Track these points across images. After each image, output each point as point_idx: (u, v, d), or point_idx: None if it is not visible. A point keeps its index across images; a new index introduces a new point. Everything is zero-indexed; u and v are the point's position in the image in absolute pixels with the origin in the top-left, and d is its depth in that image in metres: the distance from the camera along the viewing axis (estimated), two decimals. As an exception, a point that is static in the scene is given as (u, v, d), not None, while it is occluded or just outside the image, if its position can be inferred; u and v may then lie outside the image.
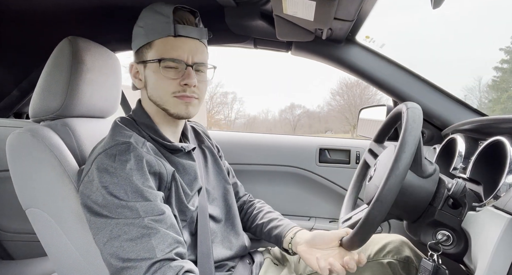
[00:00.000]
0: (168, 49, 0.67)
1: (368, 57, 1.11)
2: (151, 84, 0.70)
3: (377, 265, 0.84)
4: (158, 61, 0.67)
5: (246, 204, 0.97)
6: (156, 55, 0.67)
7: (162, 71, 0.67)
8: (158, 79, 0.68)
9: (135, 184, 0.60)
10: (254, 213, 0.93)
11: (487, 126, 0.81)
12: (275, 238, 0.83)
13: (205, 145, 0.88)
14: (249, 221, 0.93)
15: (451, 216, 0.66)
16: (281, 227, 0.82)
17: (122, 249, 0.57)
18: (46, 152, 0.69)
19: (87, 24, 1.04)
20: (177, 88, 0.68)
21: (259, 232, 0.88)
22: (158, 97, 0.69)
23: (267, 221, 0.87)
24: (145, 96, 0.73)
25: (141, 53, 0.70)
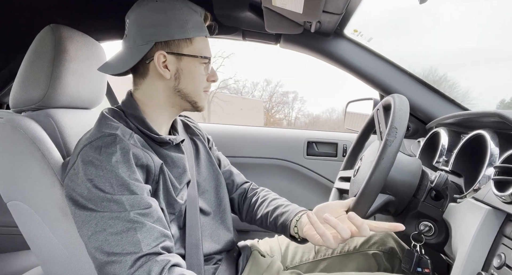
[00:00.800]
0: (206, 48, 0.73)
1: (356, 51, 1.12)
2: (186, 77, 0.71)
3: (363, 256, 0.86)
4: (201, 58, 0.71)
5: (249, 192, 0.92)
6: (197, 52, 0.71)
7: (201, 67, 0.72)
8: (197, 74, 0.71)
9: (121, 177, 0.59)
10: (258, 203, 0.86)
11: (469, 120, 0.83)
12: (281, 227, 0.77)
13: (196, 137, 0.87)
14: (254, 213, 0.86)
15: (434, 208, 0.68)
16: (287, 214, 0.77)
17: (107, 243, 0.56)
18: (28, 144, 0.67)
19: (71, 12, 1.01)
20: (206, 83, 0.74)
21: (265, 223, 0.82)
22: (192, 90, 0.72)
23: (272, 209, 0.81)
24: (167, 87, 0.71)
25: (175, 45, 0.69)
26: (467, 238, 0.58)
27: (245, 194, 0.92)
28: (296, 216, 0.75)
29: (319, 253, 0.88)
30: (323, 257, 0.87)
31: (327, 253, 0.88)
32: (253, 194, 0.91)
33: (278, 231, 0.79)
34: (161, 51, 0.68)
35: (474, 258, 0.56)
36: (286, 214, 0.77)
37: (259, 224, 0.86)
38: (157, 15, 0.67)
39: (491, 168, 0.63)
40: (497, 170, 0.58)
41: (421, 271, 0.68)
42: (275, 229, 0.80)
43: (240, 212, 0.91)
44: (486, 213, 0.56)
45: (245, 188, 0.93)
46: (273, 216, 0.80)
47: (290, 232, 0.75)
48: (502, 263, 0.51)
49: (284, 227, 0.76)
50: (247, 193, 0.92)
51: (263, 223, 0.84)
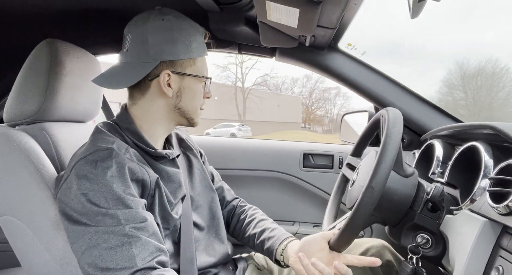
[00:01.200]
0: (205, 67, 0.75)
1: (350, 64, 1.14)
2: (187, 96, 0.73)
3: (360, 269, 0.85)
4: (200, 78, 0.73)
5: (237, 209, 0.93)
6: (199, 71, 0.73)
7: (200, 86, 0.74)
8: (197, 93, 0.74)
9: (115, 191, 0.58)
10: (246, 222, 0.88)
11: (463, 132, 0.84)
12: (267, 251, 0.79)
13: (189, 151, 0.87)
14: (242, 231, 0.88)
15: (430, 220, 0.68)
16: (273, 240, 0.78)
17: (101, 258, 0.55)
18: (22, 158, 0.67)
19: (67, 26, 1.02)
20: (203, 101, 0.77)
21: (252, 244, 0.84)
22: (191, 108, 0.74)
23: (259, 231, 0.83)
24: (167, 103, 0.71)
25: (179, 64, 0.70)
26: (464, 251, 0.58)
27: (234, 210, 0.93)
28: (281, 244, 0.76)
29: None
30: None
31: (324, 266, 0.86)
32: (241, 211, 0.92)
33: (264, 254, 0.82)
34: (166, 70, 0.69)
35: (472, 271, 0.56)
36: (272, 240, 0.78)
37: (245, 242, 0.87)
38: (164, 34, 0.68)
39: (486, 179, 0.64)
40: (492, 182, 0.58)
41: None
42: (262, 252, 0.82)
43: (228, 228, 0.91)
44: (482, 225, 0.56)
45: (234, 205, 0.93)
46: (260, 239, 0.81)
47: (276, 258, 0.77)
48: (500, 276, 0.51)
49: (270, 252, 0.78)
50: (236, 209, 0.93)
51: (250, 243, 0.85)
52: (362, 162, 0.83)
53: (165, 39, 0.68)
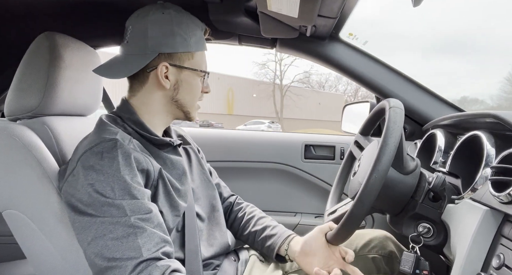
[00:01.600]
0: (204, 62, 0.76)
1: (352, 54, 1.13)
2: (185, 89, 0.73)
3: (362, 260, 0.86)
4: (199, 72, 0.74)
5: (234, 207, 0.94)
6: (197, 65, 0.74)
7: (198, 80, 0.75)
8: (195, 86, 0.74)
9: (123, 180, 0.59)
10: (245, 219, 0.89)
11: (464, 121, 0.84)
12: (268, 249, 0.81)
13: (187, 145, 0.87)
14: (240, 228, 0.89)
15: (432, 209, 0.69)
16: (275, 238, 0.81)
17: (107, 248, 0.56)
18: (24, 152, 0.67)
19: (66, 19, 1.01)
20: (200, 95, 0.77)
21: (252, 241, 0.86)
22: (188, 101, 0.75)
23: (260, 229, 0.84)
24: (164, 96, 0.72)
25: (177, 57, 0.71)
26: (465, 239, 0.58)
27: (231, 208, 0.94)
28: (283, 244, 0.79)
29: None
30: None
31: (326, 257, 0.87)
32: (238, 208, 0.93)
33: (263, 251, 0.83)
34: (164, 62, 0.70)
35: (473, 259, 0.56)
36: (274, 238, 0.81)
37: (244, 240, 0.89)
38: (163, 27, 0.69)
39: (487, 168, 0.64)
40: (494, 171, 0.58)
41: (419, 273, 0.68)
42: (261, 249, 0.84)
43: (227, 221, 0.91)
44: (484, 213, 0.56)
45: (231, 202, 0.95)
46: (261, 237, 0.83)
47: (280, 254, 0.80)
48: (501, 263, 0.51)
49: (272, 249, 0.80)
50: (233, 207, 0.94)
51: (249, 241, 0.87)
52: (364, 152, 0.83)
53: (164, 32, 0.69)
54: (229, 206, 0.94)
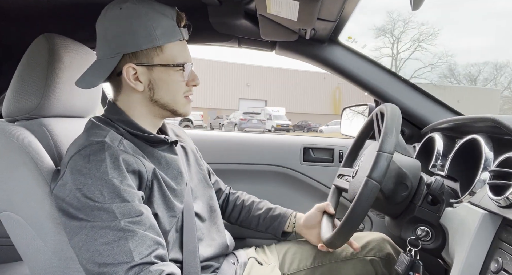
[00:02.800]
0: (181, 53, 0.68)
1: (351, 57, 1.13)
2: (162, 87, 0.67)
3: (360, 263, 0.86)
4: (172, 66, 0.67)
5: (230, 196, 0.98)
6: (170, 60, 0.67)
7: (176, 75, 0.68)
8: (172, 82, 0.68)
9: (111, 183, 0.58)
10: (245, 206, 0.95)
11: (463, 124, 0.84)
12: (273, 229, 0.91)
13: (185, 144, 0.86)
14: (242, 215, 0.94)
15: (430, 213, 0.69)
16: (280, 217, 0.91)
17: (98, 254, 0.55)
18: (21, 154, 0.67)
19: (65, 21, 1.01)
20: (186, 88, 0.71)
21: (255, 224, 0.93)
22: (170, 99, 0.69)
23: (263, 212, 0.93)
24: (143, 98, 0.68)
25: (143, 55, 0.65)
26: (464, 243, 0.58)
27: (227, 198, 0.98)
28: (290, 221, 0.91)
29: (316, 260, 0.87)
30: (320, 264, 0.87)
31: (324, 259, 0.87)
32: (235, 198, 0.97)
33: (269, 231, 0.92)
34: (129, 63, 0.64)
35: (472, 263, 0.56)
36: (280, 218, 0.92)
37: (246, 225, 0.94)
38: (122, 25, 0.64)
39: (486, 172, 0.64)
40: (492, 174, 0.58)
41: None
42: (265, 230, 0.93)
43: (223, 215, 0.95)
44: (482, 217, 0.56)
45: (226, 193, 0.98)
46: (265, 218, 0.92)
47: (287, 230, 0.91)
48: (499, 267, 0.51)
49: (280, 228, 0.91)
50: (229, 197, 0.98)
51: (252, 224, 0.93)
52: (365, 152, 0.83)
53: (124, 30, 0.64)
54: (226, 197, 0.98)
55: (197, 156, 0.89)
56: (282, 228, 0.91)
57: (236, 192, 1.00)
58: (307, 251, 0.89)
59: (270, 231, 0.92)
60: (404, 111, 0.69)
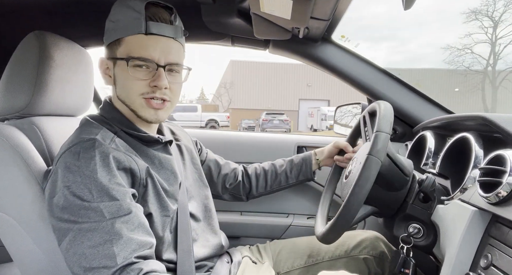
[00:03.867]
0: (138, 47, 0.63)
1: (344, 56, 1.13)
2: (120, 83, 0.67)
3: (353, 261, 0.86)
4: (126, 60, 0.64)
5: (248, 170, 1.00)
6: (125, 53, 0.64)
7: (131, 70, 0.64)
8: (127, 78, 0.65)
9: (100, 181, 0.57)
10: (268, 169, 0.99)
11: (454, 123, 0.85)
12: (303, 174, 0.98)
13: (181, 142, 0.86)
14: (269, 179, 0.98)
15: (422, 210, 0.69)
16: (304, 162, 0.99)
17: (84, 257, 0.54)
18: (11, 153, 0.66)
19: (56, 18, 0.99)
20: (146, 89, 0.65)
21: (285, 180, 0.98)
22: (126, 97, 0.67)
23: (287, 165, 0.99)
24: (114, 94, 0.70)
25: (111, 49, 0.67)
26: (454, 240, 0.59)
27: (246, 172, 1.01)
28: (313, 160, 0.99)
29: (310, 258, 0.88)
30: (315, 262, 0.87)
31: (318, 258, 0.88)
32: (253, 169, 1.01)
33: (300, 179, 0.99)
34: (103, 57, 0.68)
35: (462, 259, 0.57)
36: (305, 163, 0.98)
37: (276, 186, 0.99)
38: (107, 22, 0.69)
39: (476, 170, 0.65)
40: (482, 172, 0.59)
41: (402, 271, 0.69)
42: (297, 177, 0.98)
43: (250, 190, 0.99)
44: (472, 214, 0.57)
45: (242, 170, 1.01)
46: (292, 169, 0.98)
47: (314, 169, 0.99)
48: (488, 263, 0.52)
49: (309, 170, 0.98)
50: (247, 171, 1.01)
51: (282, 182, 0.99)
52: (356, 154, 0.83)
53: (106, 26, 0.69)
54: (243, 172, 1.00)
55: (194, 154, 0.88)
56: (311, 169, 0.97)
57: (249, 166, 1.02)
58: (301, 250, 0.90)
59: (301, 178, 0.98)
60: (396, 110, 0.70)
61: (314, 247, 0.89)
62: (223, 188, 0.97)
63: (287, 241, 0.95)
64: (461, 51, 18.88)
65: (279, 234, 1.25)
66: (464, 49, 18.89)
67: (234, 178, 0.98)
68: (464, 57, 19.56)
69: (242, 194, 0.99)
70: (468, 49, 18.77)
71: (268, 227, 1.26)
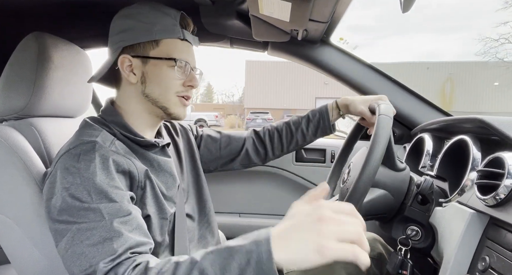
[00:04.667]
0: (178, 51, 0.69)
1: (342, 58, 1.14)
2: (153, 81, 0.69)
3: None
4: (168, 60, 0.68)
5: (261, 134, 0.96)
6: (165, 54, 0.68)
7: (170, 70, 0.68)
8: (165, 77, 0.69)
9: (99, 184, 0.57)
10: (281, 129, 0.95)
11: (451, 125, 0.85)
12: (322, 131, 0.93)
13: (178, 139, 0.85)
14: (284, 140, 0.94)
15: (420, 212, 0.70)
16: (321, 116, 0.93)
17: (84, 256, 0.54)
18: (10, 154, 0.65)
19: (54, 19, 0.99)
20: (181, 88, 0.71)
21: (302, 139, 0.94)
22: (160, 94, 0.69)
23: (304, 122, 0.94)
24: (137, 92, 0.70)
25: (140, 48, 0.68)
26: (452, 242, 0.59)
27: (258, 136, 0.96)
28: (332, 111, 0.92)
29: None
30: None
31: (316, 259, 0.88)
32: (264, 132, 0.96)
33: (318, 136, 0.94)
34: (125, 54, 0.68)
35: (460, 261, 0.57)
36: (321, 115, 0.93)
37: (294, 145, 0.95)
38: (125, 21, 0.69)
39: (474, 172, 0.65)
40: (480, 174, 0.59)
41: (400, 273, 0.69)
42: (315, 136, 0.94)
43: (266, 154, 0.96)
44: (470, 216, 0.58)
45: (252, 137, 0.96)
46: (309, 127, 0.93)
47: (333, 122, 0.93)
48: (486, 266, 0.52)
49: (329, 125, 0.93)
50: (259, 134, 0.96)
51: (299, 141, 0.94)
52: (353, 159, 0.84)
53: (126, 26, 0.68)
54: (256, 138, 0.96)
55: (193, 151, 0.87)
56: (329, 123, 0.92)
57: (259, 129, 0.98)
58: None
59: (319, 135, 0.94)
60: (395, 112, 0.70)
61: None
62: (231, 160, 0.95)
63: None
64: (496, 41, 16.98)
65: (277, 236, 1.25)
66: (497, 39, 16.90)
67: (239, 149, 0.94)
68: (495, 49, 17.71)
69: (255, 161, 0.96)
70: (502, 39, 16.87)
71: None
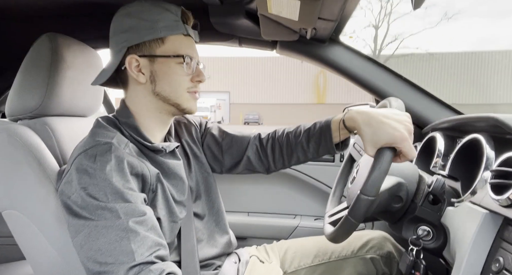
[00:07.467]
0: (184, 47, 0.69)
1: (351, 57, 1.13)
2: (162, 79, 0.68)
3: (360, 261, 0.86)
4: (175, 57, 0.68)
5: (264, 141, 0.85)
6: (172, 51, 0.68)
7: (178, 67, 0.69)
8: (174, 74, 0.69)
9: (114, 185, 0.58)
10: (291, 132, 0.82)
11: (464, 124, 0.84)
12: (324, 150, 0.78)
13: (185, 139, 0.85)
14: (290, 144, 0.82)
15: (431, 212, 0.69)
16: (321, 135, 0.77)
17: (100, 253, 0.55)
18: (24, 152, 0.67)
19: (67, 20, 1.01)
20: (190, 84, 0.71)
21: (302, 154, 0.81)
22: (171, 92, 0.69)
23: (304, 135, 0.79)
24: (147, 91, 0.70)
25: (146, 47, 0.67)
26: (465, 243, 0.58)
27: (262, 145, 0.86)
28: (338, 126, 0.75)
29: (317, 258, 0.88)
30: (321, 262, 0.87)
31: (325, 257, 0.88)
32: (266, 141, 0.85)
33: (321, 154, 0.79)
34: (132, 55, 0.67)
35: (473, 262, 0.56)
36: (319, 134, 0.77)
37: (295, 160, 0.82)
38: (126, 20, 0.68)
39: (487, 172, 0.64)
40: (494, 174, 0.58)
41: (413, 273, 0.68)
42: (318, 156, 0.80)
43: (269, 166, 0.86)
44: (483, 217, 0.57)
45: (256, 145, 0.86)
46: (309, 145, 0.78)
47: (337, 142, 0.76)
48: (500, 267, 0.51)
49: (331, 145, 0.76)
50: (261, 141, 0.86)
51: (300, 158, 0.81)
52: (362, 159, 0.83)
53: (128, 25, 0.67)
54: (259, 146, 0.85)
55: (199, 147, 0.85)
56: (332, 144, 0.76)
57: (264, 136, 0.86)
58: (308, 250, 0.89)
59: (321, 152, 0.79)
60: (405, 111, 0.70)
61: (321, 247, 0.89)
62: (234, 165, 0.87)
63: (294, 241, 0.95)
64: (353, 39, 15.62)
65: (286, 235, 1.25)
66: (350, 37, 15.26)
67: (241, 154, 0.85)
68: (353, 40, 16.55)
69: (259, 170, 0.87)
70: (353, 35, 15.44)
71: (275, 228, 1.26)
